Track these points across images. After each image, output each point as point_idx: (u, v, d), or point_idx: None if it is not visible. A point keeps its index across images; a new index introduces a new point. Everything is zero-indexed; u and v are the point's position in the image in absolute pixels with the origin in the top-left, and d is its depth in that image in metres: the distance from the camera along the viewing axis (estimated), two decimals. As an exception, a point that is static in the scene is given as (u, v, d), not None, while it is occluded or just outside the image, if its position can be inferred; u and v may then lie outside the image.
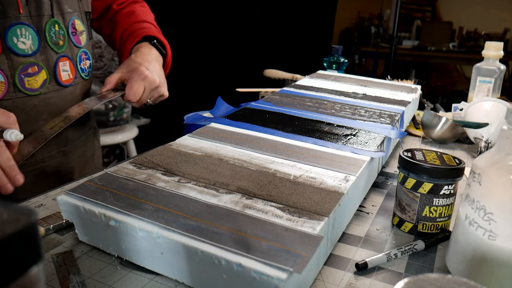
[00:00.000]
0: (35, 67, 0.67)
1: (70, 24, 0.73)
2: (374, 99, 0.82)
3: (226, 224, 0.39)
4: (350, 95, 0.84)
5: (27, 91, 0.66)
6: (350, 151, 0.55)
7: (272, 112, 0.71)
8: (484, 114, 0.83)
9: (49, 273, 0.40)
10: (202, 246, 0.36)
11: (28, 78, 0.66)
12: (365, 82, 0.95)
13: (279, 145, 0.57)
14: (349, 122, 0.67)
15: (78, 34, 0.75)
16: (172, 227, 0.38)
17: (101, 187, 0.44)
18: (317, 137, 0.60)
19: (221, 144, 0.57)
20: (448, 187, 0.47)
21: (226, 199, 0.43)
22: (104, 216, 0.41)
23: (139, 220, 0.39)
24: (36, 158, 0.71)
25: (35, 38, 0.67)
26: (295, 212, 0.41)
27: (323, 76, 1.01)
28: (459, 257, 0.40)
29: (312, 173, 0.49)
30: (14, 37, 0.64)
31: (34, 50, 0.67)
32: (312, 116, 0.69)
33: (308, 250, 0.35)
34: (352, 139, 0.60)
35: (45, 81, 0.68)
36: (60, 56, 0.71)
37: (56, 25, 0.70)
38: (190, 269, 0.38)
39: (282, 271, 0.33)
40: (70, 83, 0.73)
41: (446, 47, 3.28)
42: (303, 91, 0.86)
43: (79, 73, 0.75)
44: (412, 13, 3.67)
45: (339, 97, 0.82)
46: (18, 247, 0.17)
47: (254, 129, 0.63)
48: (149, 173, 0.48)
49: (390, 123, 0.67)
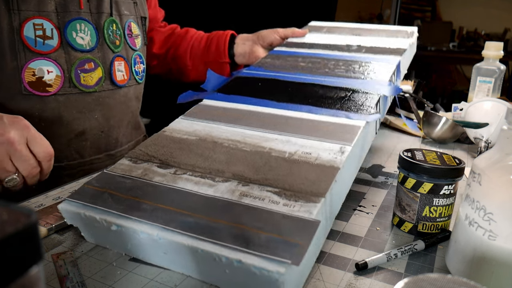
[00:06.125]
0: (91, 63, 0.68)
1: (127, 26, 0.75)
2: (368, 50, 0.79)
3: (224, 217, 0.38)
4: (344, 48, 0.81)
5: (82, 87, 0.67)
6: (345, 116, 0.54)
7: (264, 79, 0.68)
8: (484, 114, 0.83)
9: (49, 273, 0.40)
10: (201, 245, 0.36)
11: (84, 74, 0.67)
12: (359, 31, 0.91)
13: (273, 119, 0.55)
14: (344, 81, 0.65)
15: (134, 37, 0.77)
16: (171, 226, 0.38)
17: (99, 189, 0.44)
18: (311, 103, 0.59)
19: (214, 124, 0.55)
20: (448, 187, 0.47)
21: (223, 188, 0.43)
22: (105, 221, 0.41)
23: (139, 223, 0.39)
24: (85, 159, 0.72)
25: (93, 34, 0.68)
26: (291, 195, 0.41)
27: (316, 28, 0.96)
28: (459, 257, 0.40)
29: (307, 148, 0.48)
30: (74, 31, 0.65)
31: (92, 46, 0.68)
32: (306, 79, 0.67)
33: (305, 238, 0.35)
34: (347, 101, 0.58)
35: (100, 79, 0.69)
36: (116, 56, 0.72)
37: (114, 25, 0.71)
38: (194, 264, 0.38)
39: (281, 264, 0.33)
40: (124, 84, 0.74)
41: (446, 47, 3.28)
42: (295, 49, 0.82)
43: (133, 75, 0.77)
44: (412, 13, 3.67)
45: (332, 52, 0.79)
46: (18, 247, 0.17)
47: (247, 102, 0.61)
48: (145, 167, 0.47)
49: (385, 78, 0.65)
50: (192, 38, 0.95)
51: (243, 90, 0.65)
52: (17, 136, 0.52)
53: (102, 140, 0.73)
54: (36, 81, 0.63)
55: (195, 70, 0.95)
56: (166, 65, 0.97)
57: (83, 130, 0.69)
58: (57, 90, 0.64)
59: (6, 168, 0.52)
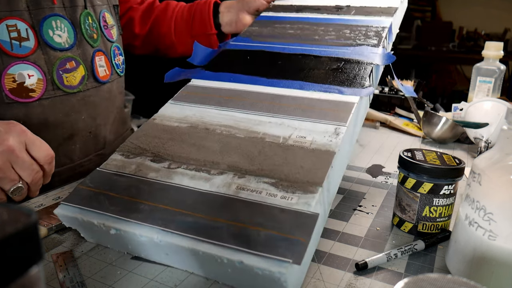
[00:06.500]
0: (72, 62, 0.65)
1: (101, 17, 0.72)
2: (358, 11, 0.75)
3: (223, 215, 0.38)
4: (333, 10, 0.78)
5: (66, 88, 0.64)
6: (338, 91, 0.53)
7: (253, 52, 0.66)
8: (484, 114, 0.83)
9: (49, 273, 0.40)
10: (202, 247, 0.36)
11: (66, 74, 0.64)
12: None
13: (265, 98, 0.54)
14: (335, 50, 0.63)
15: (109, 28, 0.74)
16: (171, 228, 0.38)
17: (94, 190, 0.43)
18: (302, 78, 0.57)
19: (205, 107, 0.54)
20: (448, 187, 0.47)
21: (219, 182, 0.42)
22: (103, 225, 0.40)
23: (138, 225, 0.39)
24: (74, 163, 0.70)
25: (70, 31, 0.65)
26: (288, 186, 0.40)
27: None
28: (459, 257, 0.40)
29: (302, 131, 0.47)
30: (50, 30, 0.62)
31: (70, 43, 0.65)
32: (295, 50, 0.64)
33: (305, 234, 0.35)
34: (339, 74, 0.57)
35: (83, 78, 0.67)
36: (96, 51, 0.69)
37: (89, 17, 0.68)
38: (197, 264, 0.38)
39: (283, 263, 0.33)
40: (107, 80, 0.72)
41: (446, 47, 3.28)
42: (283, 14, 0.80)
43: (114, 69, 0.74)
44: (412, 13, 3.67)
45: (321, 15, 0.76)
46: (18, 247, 0.17)
47: (236, 80, 0.59)
48: (138, 162, 0.46)
49: (378, 43, 0.63)
50: (174, 12, 0.90)
51: (231, 66, 0.62)
52: (16, 143, 0.50)
53: (90, 141, 0.71)
54: (18, 87, 0.59)
55: (182, 45, 0.91)
56: (152, 45, 0.93)
57: (71, 134, 0.67)
58: (41, 95, 0.61)
59: (10, 177, 0.50)
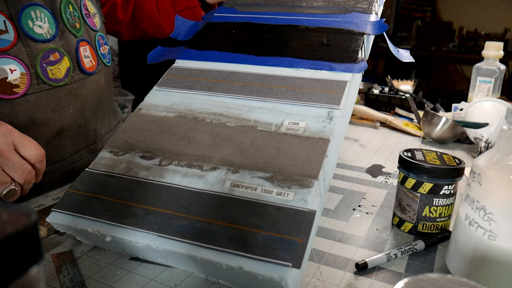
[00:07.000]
0: (56, 53, 0.62)
1: (82, 5, 0.69)
2: None
3: (219, 217, 0.37)
4: None
5: (52, 82, 0.61)
6: (329, 68, 0.51)
7: (238, 25, 0.62)
8: (484, 114, 0.83)
9: (49, 273, 0.40)
10: (200, 253, 0.35)
11: (51, 67, 0.61)
12: None
13: (254, 80, 0.52)
14: (324, 20, 0.60)
15: (92, 16, 0.71)
16: (167, 233, 0.37)
17: (85, 194, 0.42)
18: (291, 53, 0.54)
19: (193, 93, 0.52)
20: (448, 187, 0.47)
21: (212, 179, 0.41)
22: (98, 232, 0.39)
23: (133, 232, 0.38)
24: (66, 160, 0.68)
25: (51, 20, 0.62)
26: (283, 180, 0.39)
27: None
28: (459, 257, 0.40)
29: (294, 116, 0.46)
30: (29, 20, 0.59)
31: (52, 34, 0.62)
32: (282, 20, 0.61)
33: (302, 234, 0.35)
34: (330, 48, 0.54)
35: (69, 69, 0.64)
36: (79, 41, 0.66)
37: (70, 6, 0.66)
38: (196, 266, 0.38)
39: (282, 267, 0.33)
40: (94, 71, 0.69)
41: (446, 47, 3.28)
42: None
43: (100, 59, 0.72)
44: (412, 13, 3.67)
45: None
46: (18, 247, 0.17)
47: (223, 59, 0.56)
48: (127, 159, 0.45)
49: (368, 7, 0.61)
50: None
51: (217, 43, 0.59)
52: (4, 144, 0.48)
53: (80, 136, 0.69)
54: (1, 83, 0.56)
55: (169, 24, 0.89)
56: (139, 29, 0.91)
57: (60, 129, 0.64)
58: (25, 90, 0.58)
59: (1, 180, 0.49)
